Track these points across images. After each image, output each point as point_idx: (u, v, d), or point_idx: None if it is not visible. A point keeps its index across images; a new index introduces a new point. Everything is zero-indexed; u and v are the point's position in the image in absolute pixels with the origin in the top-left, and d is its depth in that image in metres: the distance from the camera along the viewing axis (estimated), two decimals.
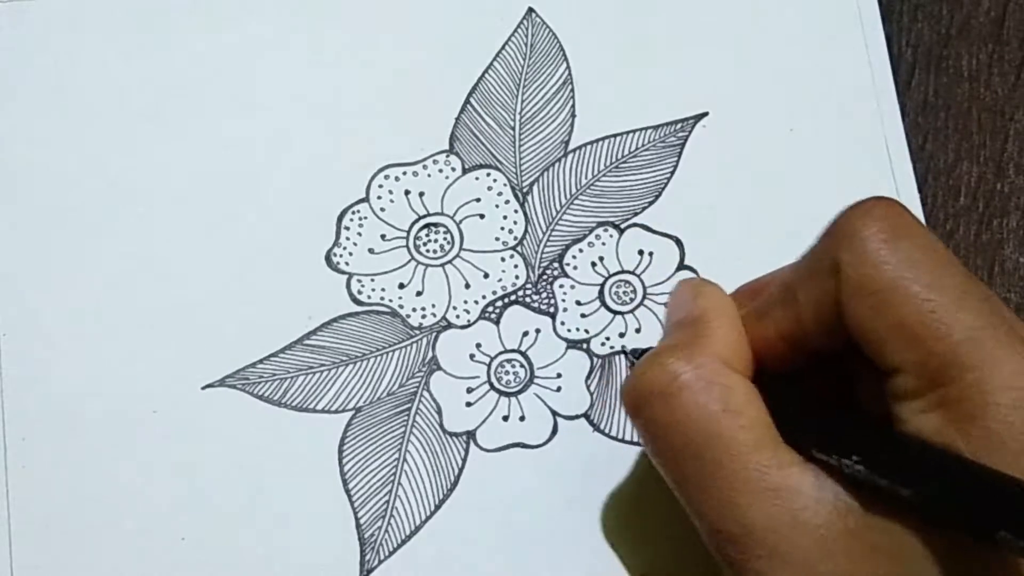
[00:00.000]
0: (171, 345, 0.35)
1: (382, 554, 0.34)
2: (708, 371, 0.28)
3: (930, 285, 0.26)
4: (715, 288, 0.31)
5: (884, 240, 0.27)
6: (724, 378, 0.28)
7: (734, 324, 0.30)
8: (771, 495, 0.27)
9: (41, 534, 0.34)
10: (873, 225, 0.27)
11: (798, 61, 0.39)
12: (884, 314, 0.26)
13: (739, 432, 0.27)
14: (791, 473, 0.27)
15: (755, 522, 0.27)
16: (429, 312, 0.37)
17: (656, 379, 0.28)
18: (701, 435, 0.28)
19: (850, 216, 0.28)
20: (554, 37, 0.39)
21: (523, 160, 0.38)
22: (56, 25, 0.38)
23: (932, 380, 0.26)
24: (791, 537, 0.26)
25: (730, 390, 0.28)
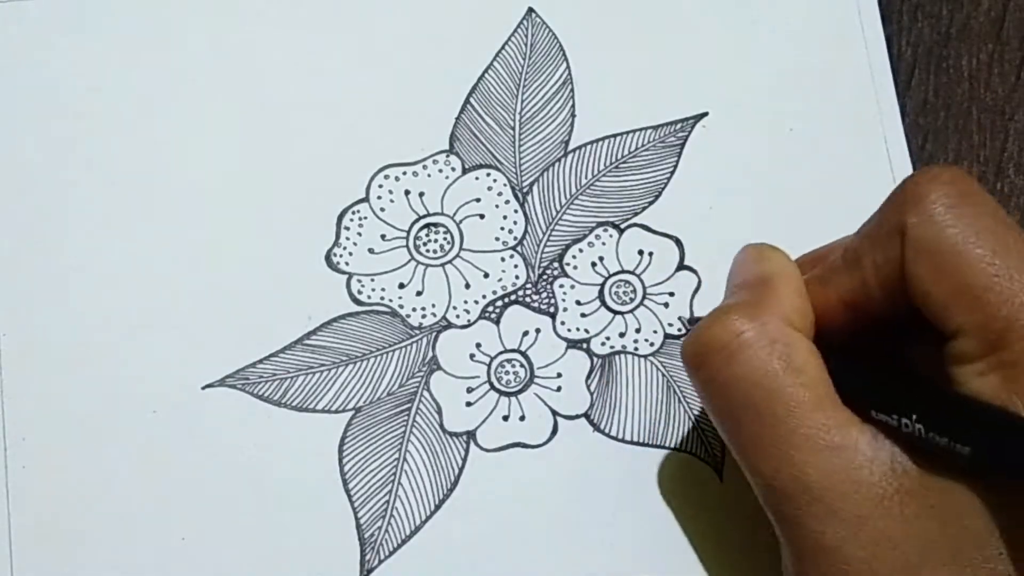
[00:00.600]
0: (171, 345, 0.35)
1: (382, 554, 0.34)
2: (771, 329, 0.29)
3: (994, 250, 0.27)
4: (780, 253, 0.32)
5: (950, 204, 0.27)
6: (787, 337, 0.29)
7: (798, 288, 0.30)
8: (829, 452, 0.27)
9: (41, 534, 0.34)
10: (940, 189, 0.28)
11: (798, 61, 0.39)
12: (948, 276, 0.27)
13: (799, 390, 0.28)
14: (849, 432, 0.27)
15: (812, 478, 0.27)
16: (429, 312, 0.37)
17: (719, 335, 0.29)
18: (761, 391, 0.28)
19: (917, 180, 0.28)
20: (554, 37, 0.39)
21: (523, 160, 0.38)
22: (56, 25, 0.38)
23: (992, 343, 0.26)
24: (848, 494, 0.27)
25: (792, 348, 0.29)
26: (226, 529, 0.34)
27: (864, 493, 0.27)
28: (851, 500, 0.27)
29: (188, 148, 0.37)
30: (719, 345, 0.29)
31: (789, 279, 0.30)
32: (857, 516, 0.27)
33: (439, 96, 0.38)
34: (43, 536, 0.34)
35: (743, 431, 0.29)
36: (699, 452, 0.36)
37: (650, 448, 0.36)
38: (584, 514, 0.35)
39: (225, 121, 0.37)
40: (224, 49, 0.38)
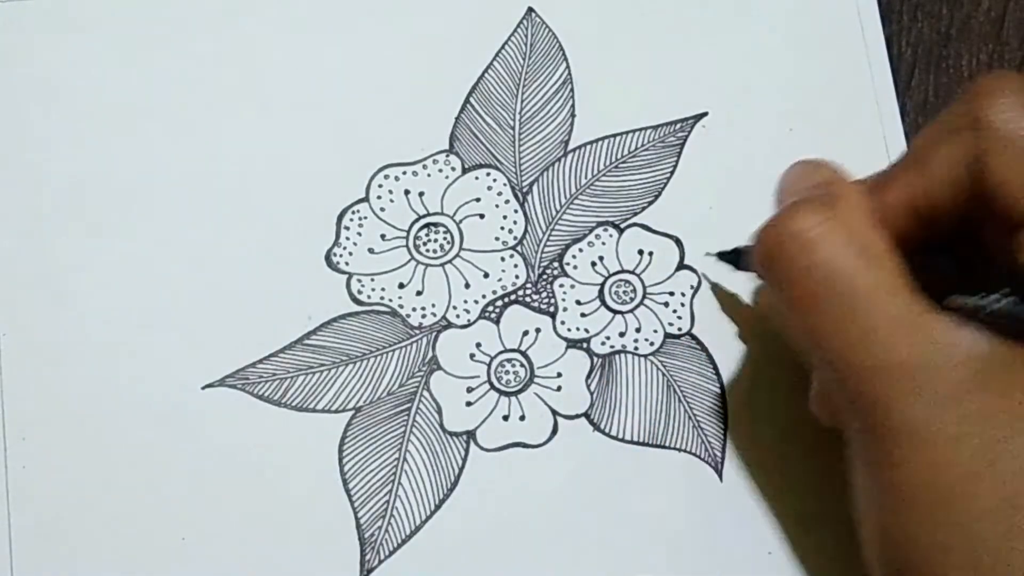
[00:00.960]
0: (171, 345, 0.35)
1: (382, 554, 0.34)
2: (846, 220, 0.29)
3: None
4: (833, 164, 0.33)
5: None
6: (863, 227, 0.29)
7: (863, 188, 0.31)
8: (916, 332, 0.28)
9: (41, 534, 0.34)
10: (1012, 84, 0.28)
11: (797, 61, 0.39)
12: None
13: (879, 277, 0.28)
14: (932, 316, 0.28)
15: (901, 357, 0.28)
16: (429, 312, 0.37)
17: (796, 225, 0.29)
18: (844, 278, 0.28)
19: (987, 81, 0.29)
20: (554, 37, 0.39)
21: (523, 160, 0.38)
22: (56, 25, 0.38)
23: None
24: (936, 372, 0.27)
25: (869, 238, 0.29)
26: (226, 529, 0.34)
27: (951, 370, 0.27)
28: (939, 377, 0.27)
29: (188, 148, 0.37)
30: (796, 236, 0.29)
31: (852, 181, 0.31)
32: (945, 393, 0.27)
33: (439, 96, 0.38)
34: (43, 536, 0.34)
35: (824, 318, 0.29)
36: (699, 452, 0.36)
37: (650, 448, 0.36)
38: (584, 514, 0.35)
39: (225, 121, 0.37)
40: (224, 49, 0.38)
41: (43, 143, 0.37)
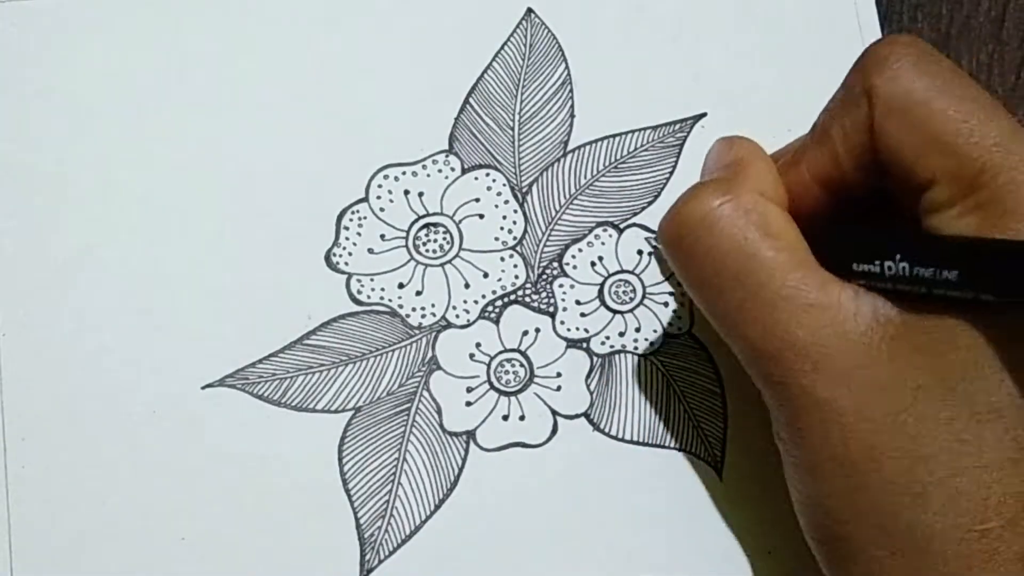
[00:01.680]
0: (171, 345, 0.35)
1: (382, 554, 0.34)
2: (746, 199, 0.30)
3: (960, 99, 0.28)
4: (750, 140, 0.33)
5: (914, 63, 0.28)
6: (761, 206, 0.30)
7: (769, 167, 0.31)
8: (813, 309, 0.28)
9: (41, 534, 0.34)
10: (902, 49, 0.29)
11: (795, 61, 0.39)
12: (918, 128, 0.28)
13: (778, 253, 0.29)
14: (831, 289, 0.28)
15: (798, 336, 0.28)
16: (429, 312, 0.37)
17: (695, 209, 0.30)
18: (742, 258, 0.29)
19: (878, 46, 0.29)
20: (553, 37, 0.39)
21: (522, 160, 0.38)
22: (56, 24, 0.38)
23: (967, 186, 0.27)
24: (835, 347, 0.28)
25: (767, 216, 0.29)
26: (226, 529, 0.34)
27: (851, 344, 0.28)
28: (839, 352, 0.28)
29: (187, 149, 0.37)
30: (696, 218, 0.30)
31: (760, 159, 0.32)
32: (846, 367, 0.28)
33: (438, 96, 0.38)
34: (43, 536, 0.34)
35: (726, 299, 0.29)
36: (699, 452, 0.36)
37: (650, 448, 0.36)
38: (584, 514, 0.35)
39: (224, 122, 0.37)
40: (224, 50, 0.38)
41: (42, 142, 0.37)
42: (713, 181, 0.31)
